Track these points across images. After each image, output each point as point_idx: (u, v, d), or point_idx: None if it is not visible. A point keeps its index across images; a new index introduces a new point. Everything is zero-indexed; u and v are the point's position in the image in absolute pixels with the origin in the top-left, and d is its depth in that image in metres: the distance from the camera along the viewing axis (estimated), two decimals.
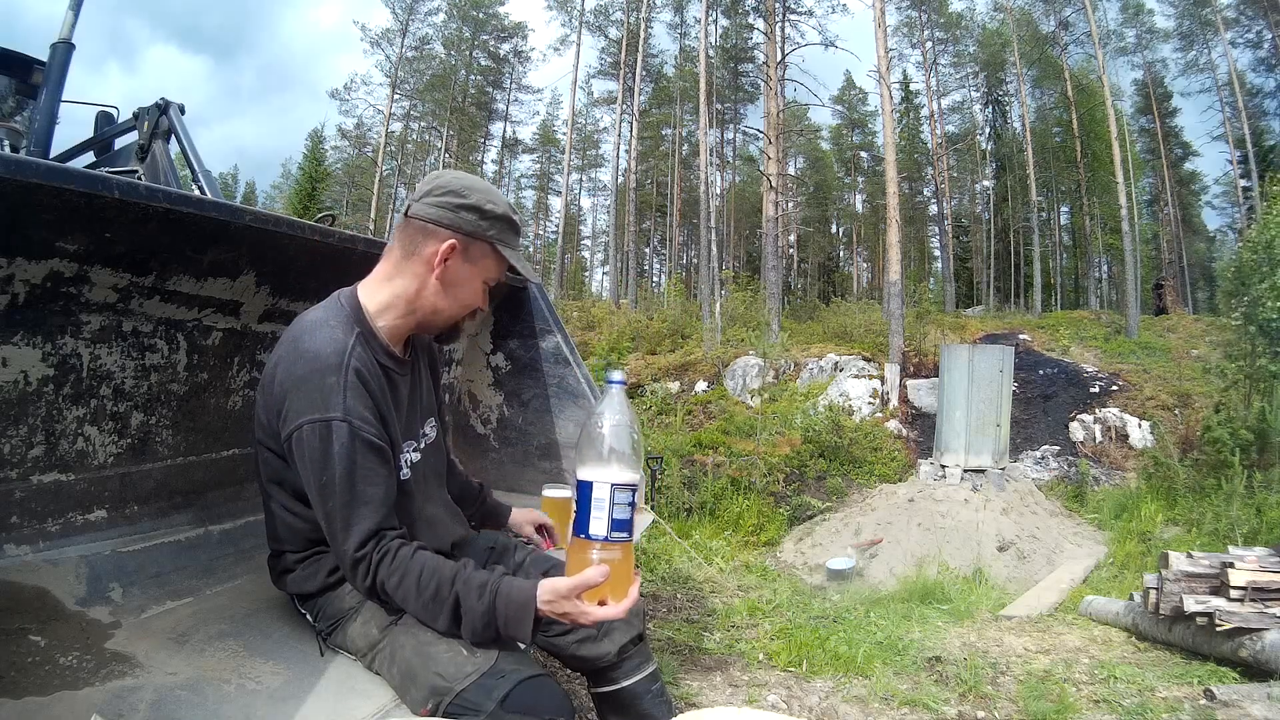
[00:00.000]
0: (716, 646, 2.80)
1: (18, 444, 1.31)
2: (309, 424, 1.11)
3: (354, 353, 1.16)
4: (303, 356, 1.14)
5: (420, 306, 1.25)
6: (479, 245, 1.24)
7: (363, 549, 1.11)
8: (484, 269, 1.27)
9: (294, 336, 1.19)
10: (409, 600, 1.12)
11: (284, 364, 1.16)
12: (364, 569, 1.11)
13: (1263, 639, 2.71)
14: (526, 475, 2.50)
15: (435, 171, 1.31)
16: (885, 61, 14.61)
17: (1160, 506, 6.65)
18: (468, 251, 1.23)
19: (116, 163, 3.73)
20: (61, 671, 1.12)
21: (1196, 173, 27.91)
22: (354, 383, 1.14)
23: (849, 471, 9.00)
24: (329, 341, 1.15)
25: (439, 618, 1.11)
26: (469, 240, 1.23)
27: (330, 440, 1.10)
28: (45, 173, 1.04)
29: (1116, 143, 16.84)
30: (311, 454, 1.11)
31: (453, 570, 1.13)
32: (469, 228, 1.22)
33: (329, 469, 1.11)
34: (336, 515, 1.11)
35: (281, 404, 1.14)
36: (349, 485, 1.11)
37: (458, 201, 1.21)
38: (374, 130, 30.08)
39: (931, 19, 26.49)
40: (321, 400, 1.11)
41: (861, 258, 36.28)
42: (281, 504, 1.25)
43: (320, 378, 1.12)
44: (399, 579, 1.11)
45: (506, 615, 1.08)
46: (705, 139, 19.22)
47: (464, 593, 1.10)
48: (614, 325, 16.85)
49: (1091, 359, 12.55)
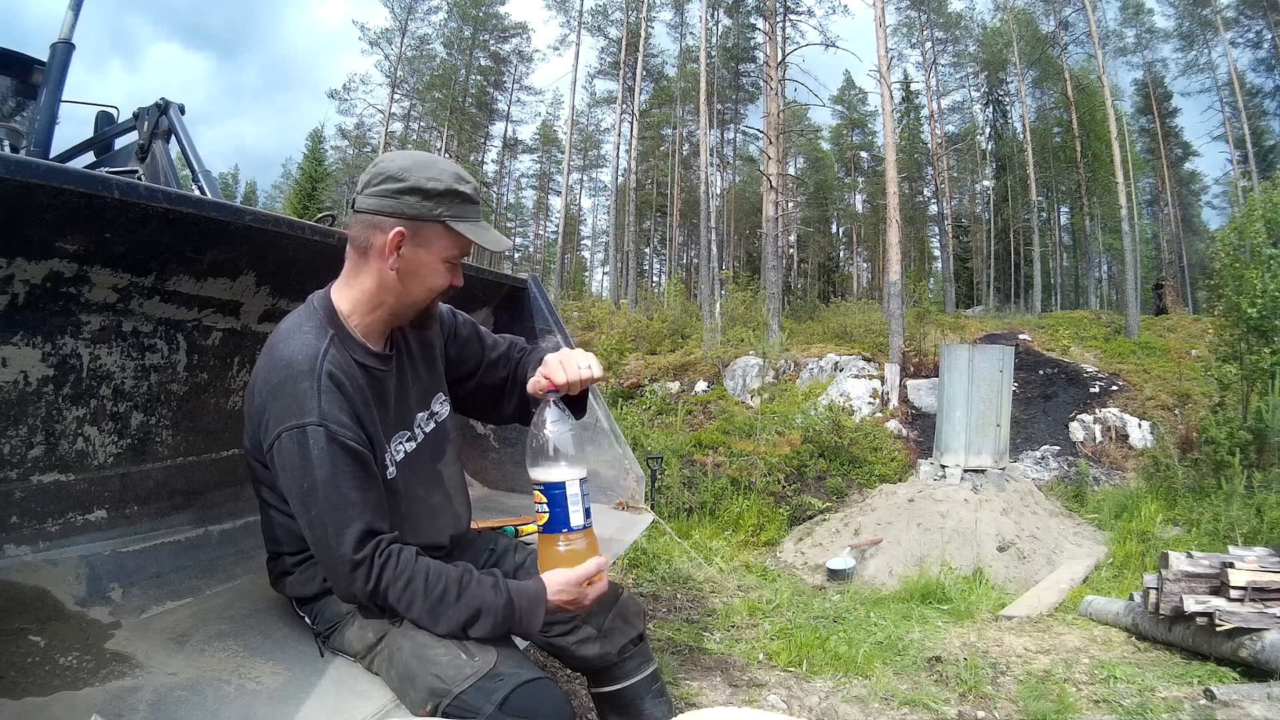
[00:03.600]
0: (716, 646, 2.80)
1: (18, 444, 1.31)
2: (286, 432, 1.10)
3: (327, 356, 1.15)
4: (276, 365, 1.14)
5: (386, 300, 1.22)
6: (429, 227, 1.18)
7: (361, 551, 1.09)
8: (440, 249, 1.21)
9: (270, 345, 1.19)
10: (415, 601, 1.11)
11: (261, 373, 1.16)
12: (364, 572, 1.10)
13: (1263, 639, 2.71)
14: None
15: (376, 160, 1.27)
16: (885, 61, 14.60)
17: (1160, 506, 6.65)
18: (418, 236, 1.18)
19: (116, 163, 3.73)
20: (61, 671, 1.12)
21: (1196, 173, 27.95)
22: (328, 386, 1.12)
23: (849, 471, 8.99)
24: (301, 347, 1.15)
25: (448, 617, 1.12)
26: (416, 225, 1.17)
27: (307, 446, 1.09)
28: (45, 173, 1.04)
29: (1116, 143, 16.82)
30: (290, 462, 1.10)
31: (458, 571, 1.15)
32: (412, 211, 1.17)
33: (309, 475, 1.09)
34: (324, 522, 1.10)
35: (261, 414, 1.14)
36: (333, 488, 1.10)
37: (396, 186, 1.16)
38: (374, 130, 30.05)
39: (931, 19, 26.48)
40: (297, 407, 1.10)
41: (861, 258, 36.29)
42: (276, 508, 1.24)
43: (294, 384, 1.11)
44: (405, 581, 1.11)
45: (522, 607, 1.15)
46: (705, 139, 19.22)
47: (478, 590, 1.14)
48: (614, 325, 16.84)
49: (1091, 359, 12.54)
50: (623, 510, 2.37)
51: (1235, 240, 7.56)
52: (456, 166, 1.24)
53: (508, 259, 36.46)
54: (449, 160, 1.28)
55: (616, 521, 2.26)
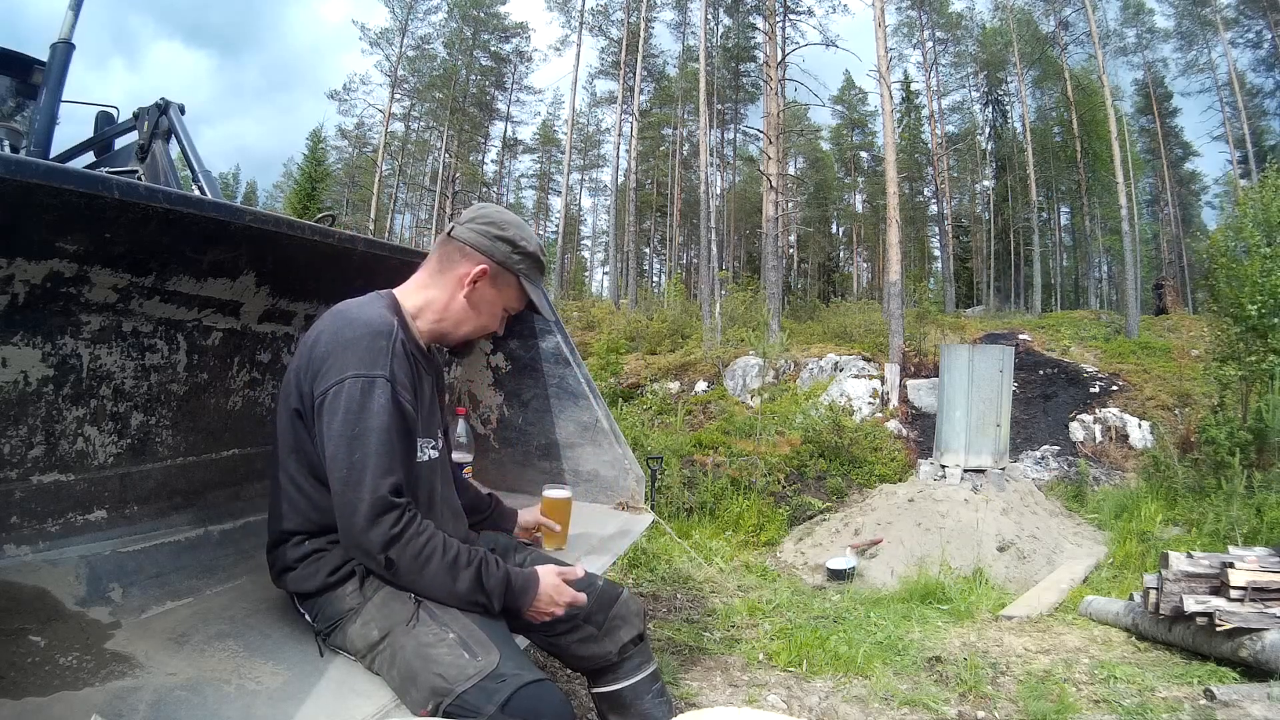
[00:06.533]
0: (716, 646, 2.80)
1: (18, 444, 1.31)
2: (353, 378, 1.18)
3: (399, 329, 1.27)
4: (352, 323, 1.23)
5: (447, 317, 1.37)
6: (506, 275, 1.37)
7: (397, 498, 1.16)
8: (507, 297, 1.40)
9: (339, 311, 1.28)
10: (433, 559, 1.18)
11: (329, 331, 1.24)
12: (393, 518, 1.15)
13: (1263, 639, 2.71)
14: (526, 475, 2.49)
15: (481, 203, 1.46)
16: (885, 61, 14.60)
17: (1160, 506, 6.64)
18: (496, 279, 1.36)
19: (116, 163, 3.73)
20: (61, 671, 1.12)
21: (1196, 173, 27.97)
22: (400, 353, 1.24)
23: (849, 471, 8.99)
24: (379, 316, 1.26)
25: (461, 577, 1.20)
26: (499, 269, 1.36)
27: (373, 395, 1.17)
28: (45, 173, 1.04)
29: (1116, 143, 16.82)
30: (350, 405, 1.17)
31: (467, 545, 1.26)
32: (500, 257, 1.35)
33: (365, 421, 1.16)
34: (367, 464, 1.15)
35: (323, 364, 1.20)
36: (386, 439, 1.17)
37: (496, 232, 1.35)
38: (374, 130, 30.09)
39: (931, 19, 26.49)
40: (370, 359, 1.19)
41: (861, 258, 36.29)
42: (292, 477, 1.27)
43: (372, 340, 1.21)
44: (426, 539, 1.18)
45: (518, 585, 1.27)
46: (705, 139, 19.21)
47: (485, 560, 1.25)
48: (614, 325, 16.84)
49: (1091, 359, 12.54)
50: (623, 510, 2.37)
51: (1232, 239, 7.56)
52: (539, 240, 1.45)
53: None
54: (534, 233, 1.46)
55: (617, 521, 2.26)
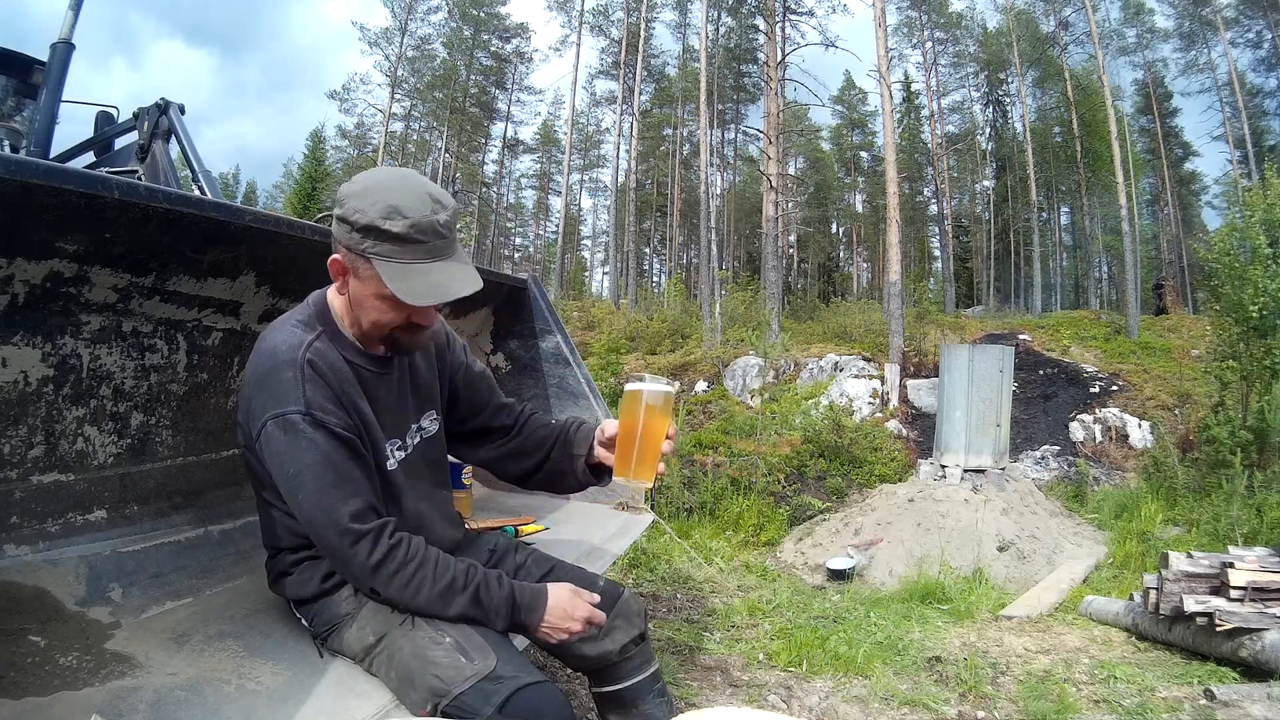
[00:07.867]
0: (716, 646, 2.80)
1: (18, 444, 1.31)
2: (271, 420, 1.10)
3: (311, 347, 1.14)
4: (262, 355, 1.16)
5: (357, 319, 1.20)
6: (360, 261, 1.10)
7: (363, 523, 1.09)
8: (375, 287, 1.11)
9: (260, 338, 1.20)
10: (423, 586, 1.12)
11: (250, 366, 1.18)
12: (368, 545, 1.09)
13: (1263, 639, 2.70)
14: None
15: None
16: (885, 61, 14.59)
17: (1160, 506, 6.64)
18: (355, 269, 1.12)
19: (116, 163, 3.73)
20: (61, 671, 1.12)
21: (1196, 173, 27.94)
22: (310, 375, 1.12)
23: (849, 471, 8.99)
24: (286, 339, 1.15)
25: (455, 603, 1.14)
26: (352, 256, 1.11)
27: (295, 432, 1.09)
28: (45, 173, 1.04)
29: (1116, 143, 16.82)
30: (277, 449, 1.10)
31: (465, 564, 1.19)
32: (345, 242, 1.10)
33: (297, 460, 1.09)
34: (317, 501, 1.09)
35: (248, 404, 1.15)
36: (326, 468, 1.09)
37: (337, 212, 1.10)
38: (374, 130, 30.07)
39: (931, 19, 26.47)
40: (280, 394, 1.11)
41: (861, 258, 36.28)
42: (275, 505, 1.24)
43: (278, 374, 1.12)
44: (416, 565, 1.12)
45: (524, 603, 1.19)
46: (706, 139, 19.21)
47: (484, 582, 1.17)
48: (614, 325, 16.83)
49: (1091, 359, 12.53)
50: (623, 510, 2.37)
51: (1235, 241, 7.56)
52: (413, 193, 1.08)
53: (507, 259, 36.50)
54: (416, 184, 1.11)
55: (617, 521, 2.26)
